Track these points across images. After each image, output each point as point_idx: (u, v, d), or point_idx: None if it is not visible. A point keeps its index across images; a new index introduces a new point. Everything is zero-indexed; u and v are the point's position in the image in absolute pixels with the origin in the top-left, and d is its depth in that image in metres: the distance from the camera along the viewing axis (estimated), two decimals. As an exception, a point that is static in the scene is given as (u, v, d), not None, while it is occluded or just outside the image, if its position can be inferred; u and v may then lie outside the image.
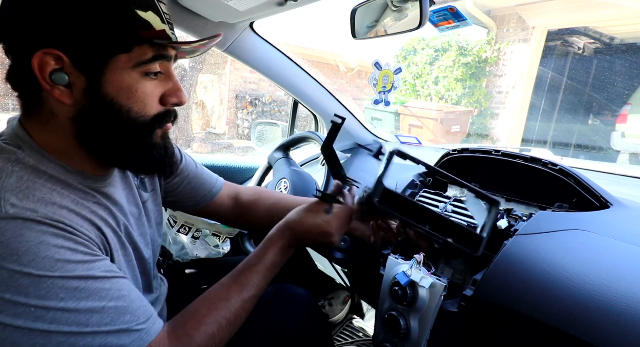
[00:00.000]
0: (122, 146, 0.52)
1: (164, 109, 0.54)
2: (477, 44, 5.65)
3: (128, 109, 0.49)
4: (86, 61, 0.46)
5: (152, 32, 0.48)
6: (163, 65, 0.52)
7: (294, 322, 0.78)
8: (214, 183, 0.83)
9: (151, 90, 0.51)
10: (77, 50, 0.46)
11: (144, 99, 0.50)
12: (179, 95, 0.54)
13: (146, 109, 0.51)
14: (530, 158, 0.77)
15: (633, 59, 5.02)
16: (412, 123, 5.29)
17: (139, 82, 0.49)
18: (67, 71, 0.46)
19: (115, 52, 0.47)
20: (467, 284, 0.63)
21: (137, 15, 0.46)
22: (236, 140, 5.94)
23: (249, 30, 1.12)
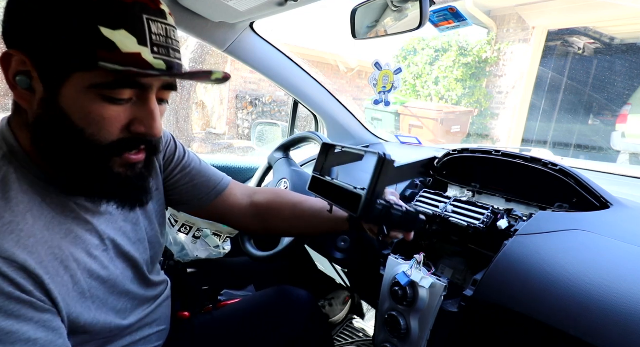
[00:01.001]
0: (72, 166, 0.48)
1: (127, 136, 0.48)
2: (477, 44, 5.65)
3: (81, 129, 0.45)
4: (46, 71, 0.44)
5: (114, 54, 0.42)
6: (135, 92, 0.46)
7: (295, 324, 0.78)
8: (218, 181, 0.78)
9: (112, 115, 0.46)
10: (40, 58, 0.43)
11: (99, 122, 0.45)
12: (147, 124, 0.48)
13: (101, 134, 0.46)
14: (530, 158, 0.77)
15: (633, 59, 5.02)
16: (412, 123, 5.29)
17: (95, 103, 0.44)
18: (31, 76, 0.44)
19: (73, 68, 0.43)
20: (467, 284, 0.63)
21: (100, 33, 0.41)
22: (236, 141, 5.94)
23: (249, 30, 1.12)
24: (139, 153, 0.51)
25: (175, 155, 0.73)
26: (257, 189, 0.86)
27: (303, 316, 0.80)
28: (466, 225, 0.74)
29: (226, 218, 0.82)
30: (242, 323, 0.78)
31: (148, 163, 0.54)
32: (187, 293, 0.86)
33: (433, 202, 0.84)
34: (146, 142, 0.50)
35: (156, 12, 0.45)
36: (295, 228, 0.81)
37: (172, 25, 0.48)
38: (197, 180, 0.75)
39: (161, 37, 0.45)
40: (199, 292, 0.89)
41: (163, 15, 0.46)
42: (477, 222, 0.73)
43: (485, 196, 0.86)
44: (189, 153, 0.76)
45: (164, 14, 0.47)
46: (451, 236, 0.82)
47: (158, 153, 0.55)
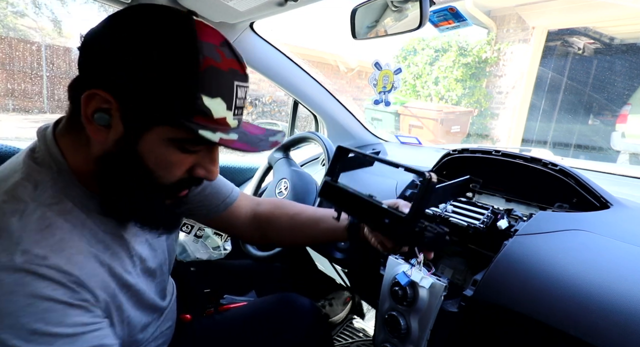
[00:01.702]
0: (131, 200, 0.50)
1: (187, 176, 0.51)
2: (477, 44, 5.65)
3: (151, 170, 0.48)
4: (132, 116, 0.45)
5: (208, 120, 0.45)
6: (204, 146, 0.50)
7: (297, 331, 0.78)
8: (229, 192, 0.79)
9: (181, 160, 0.49)
10: (129, 103, 0.44)
11: (171, 167, 0.49)
12: (209, 169, 0.52)
13: (168, 176, 0.50)
14: (530, 158, 0.77)
15: (633, 59, 5.02)
16: (412, 123, 5.29)
17: (170, 152, 0.47)
18: (112, 113, 0.45)
19: (163, 122, 0.45)
20: (467, 284, 0.63)
21: (201, 100, 0.44)
22: (236, 141, 5.93)
23: (249, 30, 1.12)
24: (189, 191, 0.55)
25: None
26: (260, 199, 0.86)
27: (305, 323, 0.80)
28: (466, 225, 0.74)
29: (230, 228, 0.83)
30: (244, 328, 0.78)
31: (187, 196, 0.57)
32: (189, 295, 0.86)
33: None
34: (197, 181, 0.54)
35: (243, 77, 0.49)
36: (293, 238, 0.82)
37: (248, 86, 0.51)
38: (207, 190, 0.75)
39: (242, 100, 0.49)
40: (200, 294, 0.89)
41: (246, 79, 0.50)
42: (477, 222, 0.73)
43: (485, 196, 0.86)
44: None
45: (247, 78, 0.50)
46: (451, 236, 0.82)
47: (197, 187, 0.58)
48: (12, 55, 3.28)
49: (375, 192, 0.77)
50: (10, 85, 3.16)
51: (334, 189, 0.63)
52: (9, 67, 3.27)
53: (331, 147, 1.00)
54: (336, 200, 0.63)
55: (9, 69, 3.23)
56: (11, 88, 3.18)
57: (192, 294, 0.87)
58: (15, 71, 3.25)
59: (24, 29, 3.79)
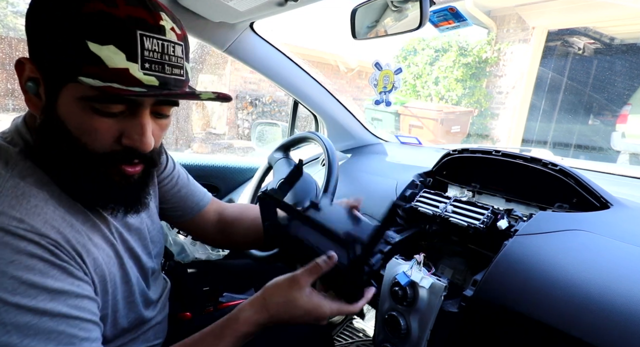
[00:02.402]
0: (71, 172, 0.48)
1: (119, 148, 0.48)
2: (477, 44, 5.65)
3: (76, 137, 0.46)
4: (48, 80, 0.46)
5: (100, 69, 0.42)
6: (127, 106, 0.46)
7: (296, 328, 0.78)
8: (202, 196, 0.81)
9: (103, 126, 0.46)
10: (43, 67, 0.45)
11: (92, 133, 0.46)
12: (136, 138, 0.47)
13: (94, 144, 0.47)
14: (530, 158, 0.77)
15: (633, 59, 5.02)
16: (412, 123, 5.29)
17: (86, 114, 0.45)
18: (38, 83, 0.46)
19: (65, 79, 0.44)
20: (467, 284, 0.63)
21: (87, 47, 0.41)
22: (236, 141, 5.94)
23: (249, 30, 1.12)
24: (135, 166, 0.51)
25: (167, 165, 0.75)
26: (227, 205, 0.88)
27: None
28: (466, 225, 0.74)
29: (198, 232, 0.84)
30: None
31: (145, 175, 0.54)
32: (188, 293, 0.86)
33: (433, 202, 0.84)
34: (140, 156, 0.50)
35: (153, 27, 0.44)
36: (254, 239, 0.83)
37: (173, 41, 0.46)
38: (183, 192, 0.77)
39: (156, 53, 0.44)
40: (199, 292, 0.89)
41: (161, 31, 0.45)
42: (477, 222, 0.73)
43: (485, 196, 0.86)
44: (177, 165, 0.78)
45: (163, 30, 0.45)
46: (451, 236, 0.82)
47: (156, 166, 0.55)
48: (12, 55, 3.28)
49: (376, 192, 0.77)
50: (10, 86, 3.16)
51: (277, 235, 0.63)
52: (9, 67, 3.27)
53: (331, 147, 1.00)
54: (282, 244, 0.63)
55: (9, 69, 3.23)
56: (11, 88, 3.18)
57: (191, 292, 0.87)
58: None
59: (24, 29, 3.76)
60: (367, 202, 0.76)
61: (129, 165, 0.50)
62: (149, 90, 0.44)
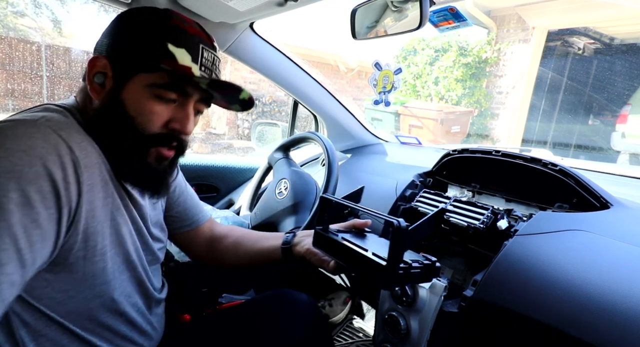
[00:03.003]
0: (118, 149, 0.57)
1: (165, 131, 0.59)
2: (477, 44, 5.65)
3: (132, 117, 0.56)
4: (119, 70, 0.56)
5: (173, 63, 0.55)
6: (180, 97, 0.59)
7: (296, 327, 0.78)
8: (202, 212, 0.86)
9: (158, 110, 0.57)
10: (118, 61, 0.56)
11: (148, 114, 0.57)
12: (182, 122, 0.59)
13: (147, 125, 0.57)
14: (530, 158, 0.77)
15: (633, 59, 5.02)
16: (412, 123, 5.29)
17: (148, 99, 0.57)
18: (106, 76, 0.57)
19: (140, 69, 0.56)
20: (467, 284, 0.63)
21: (166, 47, 0.55)
22: (236, 141, 5.94)
23: (249, 30, 1.12)
24: (170, 149, 0.61)
25: (178, 176, 0.81)
26: (217, 224, 0.91)
27: (304, 319, 0.80)
28: (466, 225, 0.74)
29: (189, 247, 0.87)
30: (243, 326, 0.78)
31: (173, 162, 0.65)
32: (187, 295, 0.86)
33: (433, 202, 0.84)
34: (178, 139, 0.61)
35: (210, 45, 0.60)
36: (234, 256, 0.85)
37: (219, 58, 0.63)
38: (188, 204, 0.83)
39: (209, 62, 0.60)
40: (198, 294, 0.89)
41: (214, 49, 0.62)
42: (477, 223, 0.73)
43: (485, 196, 0.86)
44: (184, 180, 0.85)
45: (215, 49, 0.62)
46: (451, 236, 0.82)
47: (183, 154, 0.65)
48: (12, 55, 3.28)
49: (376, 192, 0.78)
50: (10, 86, 3.16)
51: (324, 238, 0.65)
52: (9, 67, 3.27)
53: (331, 147, 1.00)
54: (327, 248, 0.65)
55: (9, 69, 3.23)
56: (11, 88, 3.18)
57: (190, 293, 0.87)
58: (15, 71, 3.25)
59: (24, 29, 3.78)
60: (367, 203, 0.76)
61: (167, 148, 0.60)
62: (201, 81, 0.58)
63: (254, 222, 1.12)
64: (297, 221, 1.00)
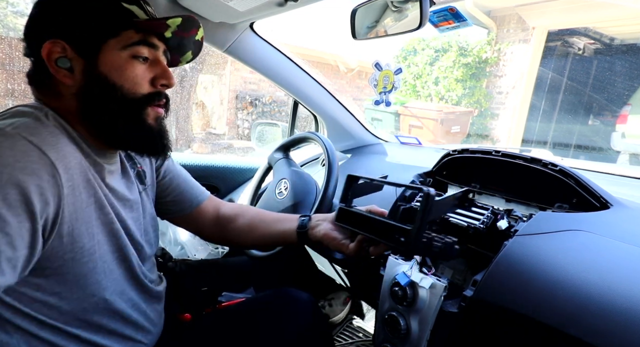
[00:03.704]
0: (116, 121, 0.58)
1: (153, 90, 0.61)
2: (477, 44, 5.65)
3: (120, 86, 0.57)
4: (83, 46, 0.55)
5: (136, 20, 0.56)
6: (151, 52, 0.60)
7: (296, 326, 0.78)
8: (200, 192, 0.86)
9: (140, 72, 0.59)
10: (76, 39, 0.55)
11: (134, 78, 0.58)
12: (166, 76, 0.61)
13: (136, 88, 0.58)
14: (530, 158, 0.77)
15: (633, 59, 5.02)
16: (412, 123, 5.29)
17: (127, 62, 0.57)
18: (69, 57, 0.55)
19: (106, 36, 0.55)
20: (467, 284, 0.63)
21: (123, 6, 0.56)
22: (236, 141, 5.94)
23: (249, 30, 1.12)
24: (161, 106, 0.63)
25: (167, 163, 0.81)
26: (224, 202, 0.91)
27: (304, 317, 0.80)
28: (466, 225, 0.74)
29: (196, 227, 0.87)
30: (243, 325, 0.78)
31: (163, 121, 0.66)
32: (186, 294, 0.86)
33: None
34: (165, 96, 0.63)
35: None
36: (250, 238, 0.86)
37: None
38: (182, 187, 0.82)
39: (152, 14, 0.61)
40: (198, 293, 0.89)
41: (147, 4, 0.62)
42: (477, 223, 0.73)
43: (485, 196, 0.86)
44: (175, 163, 0.84)
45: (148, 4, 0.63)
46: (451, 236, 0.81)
47: (169, 111, 0.66)
48: (12, 55, 3.28)
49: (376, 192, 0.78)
50: (10, 86, 3.16)
51: (348, 214, 0.68)
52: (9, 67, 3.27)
53: (331, 148, 1.00)
54: (351, 223, 0.68)
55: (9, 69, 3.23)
56: (11, 88, 3.18)
57: (189, 293, 0.87)
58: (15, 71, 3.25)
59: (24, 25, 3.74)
60: (367, 202, 0.76)
61: (158, 105, 0.62)
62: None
63: (254, 222, 1.12)
64: (297, 221, 1.00)
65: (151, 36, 0.59)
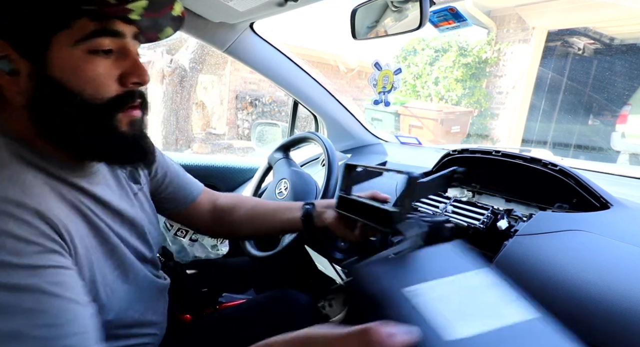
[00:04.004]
0: (81, 133, 0.48)
1: (123, 90, 0.50)
2: (477, 44, 5.65)
3: (79, 90, 0.46)
4: (27, 45, 0.44)
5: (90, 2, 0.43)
6: (115, 42, 0.48)
7: (296, 328, 0.78)
8: (194, 186, 0.82)
9: (103, 69, 0.47)
10: (16, 36, 0.44)
11: (95, 79, 0.47)
12: (139, 73, 0.50)
13: (100, 90, 0.47)
14: (530, 158, 0.77)
15: (633, 59, 5.02)
16: (412, 123, 5.29)
17: (85, 60, 0.46)
18: (11, 58, 0.45)
19: (53, 29, 0.44)
20: (467, 285, 0.63)
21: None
22: (236, 141, 5.94)
23: (249, 30, 1.12)
24: (136, 108, 0.52)
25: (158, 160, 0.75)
26: (220, 194, 0.88)
27: (304, 319, 0.80)
28: (466, 225, 0.74)
29: (194, 222, 0.84)
30: (243, 326, 0.78)
31: (143, 122, 0.55)
32: (187, 295, 0.86)
33: (433, 202, 0.84)
34: (140, 94, 0.52)
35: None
36: (253, 229, 0.84)
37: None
38: (175, 183, 0.78)
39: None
40: (198, 294, 0.89)
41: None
42: (477, 223, 0.73)
43: (485, 196, 0.86)
44: (167, 158, 0.79)
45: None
46: (451, 235, 0.81)
47: (148, 110, 0.56)
48: (12, 56, 3.27)
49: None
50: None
51: (347, 201, 0.69)
52: (9, 67, 3.26)
53: (331, 148, 1.00)
54: (350, 210, 0.69)
55: (9, 69, 3.22)
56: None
57: (190, 293, 0.87)
58: None
59: None
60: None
61: (132, 108, 0.51)
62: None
63: (254, 222, 1.12)
64: (297, 221, 1.00)
65: (113, 22, 0.47)
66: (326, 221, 0.73)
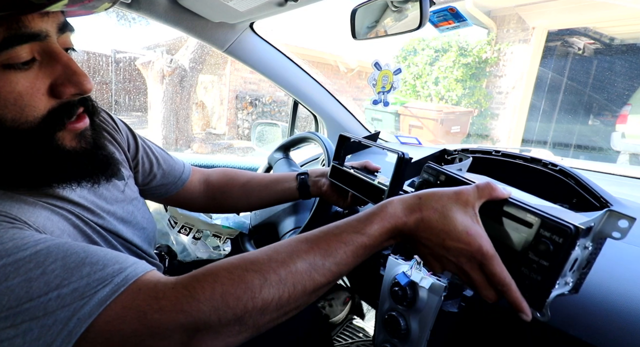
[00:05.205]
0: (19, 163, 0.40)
1: (58, 102, 0.41)
2: (477, 44, 5.65)
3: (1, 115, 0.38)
4: None
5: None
6: (35, 47, 0.38)
7: (296, 327, 0.78)
8: (182, 169, 0.80)
9: (24, 85, 0.38)
10: None
11: (17, 99, 0.38)
12: (75, 81, 0.40)
13: (25, 112, 0.38)
14: (530, 158, 0.77)
15: (633, 59, 5.02)
16: (412, 123, 5.30)
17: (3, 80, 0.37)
18: None
19: None
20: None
21: None
22: (236, 141, 5.95)
23: (249, 30, 1.12)
24: (80, 119, 0.44)
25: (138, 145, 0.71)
26: (209, 171, 0.88)
27: (303, 318, 0.80)
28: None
29: (189, 204, 0.85)
30: None
31: (95, 131, 0.48)
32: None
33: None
34: (82, 103, 0.44)
35: None
36: (248, 203, 0.86)
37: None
38: (163, 167, 0.76)
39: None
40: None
41: None
42: (477, 223, 0.73)
43: (485, 196, 0.86)
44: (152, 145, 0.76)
45: None
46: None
47: (98, 113, 0.49)
48: (12, 56, 3.28)
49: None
50: (10, 86, 3.16)
51: (339, 171, 0.74)
52: (9, 67, 3.27)
53: (331, 148, 1.00)
54: (341, 180, 0.74)
55: (9, 69, 3.23)
56: (11, 88, 3.18)
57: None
58: (15, 71, 3.24)
59: (24, 29, 3.76)
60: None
61: (74, 121, 0.43)
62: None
63: (253, 222, 1.12)
64: (297, 221, 1.00)
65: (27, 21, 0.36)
66: (322, 188, 0.78)
